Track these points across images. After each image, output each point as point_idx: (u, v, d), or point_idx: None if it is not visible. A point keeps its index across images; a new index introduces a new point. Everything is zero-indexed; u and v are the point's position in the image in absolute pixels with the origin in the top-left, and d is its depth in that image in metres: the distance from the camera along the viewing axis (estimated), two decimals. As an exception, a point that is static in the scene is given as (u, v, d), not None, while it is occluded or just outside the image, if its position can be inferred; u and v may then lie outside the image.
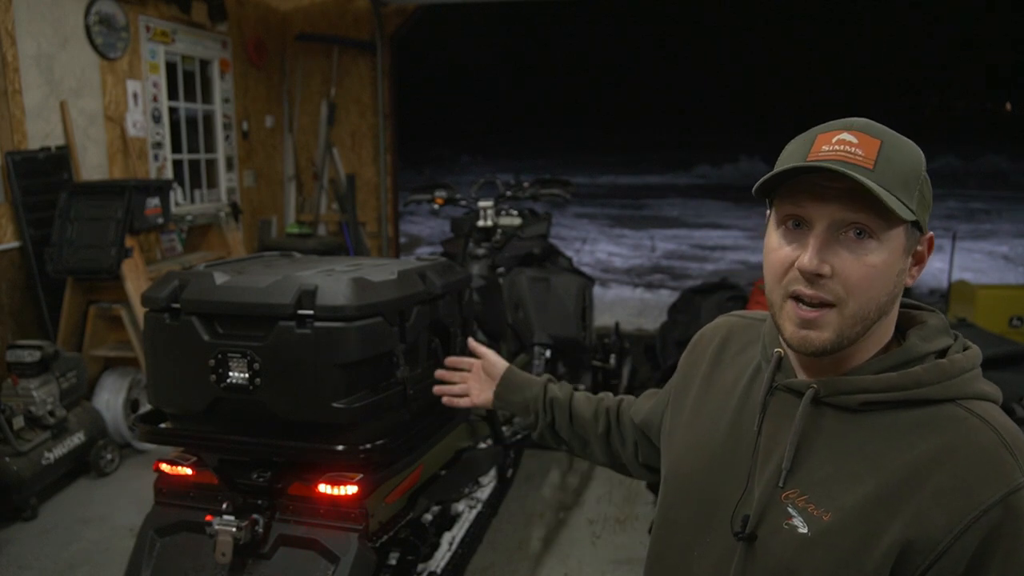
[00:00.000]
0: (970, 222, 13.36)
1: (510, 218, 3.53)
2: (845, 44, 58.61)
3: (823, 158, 0.86)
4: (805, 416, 0.93)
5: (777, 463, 0.94)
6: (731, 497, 0.98)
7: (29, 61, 3.78)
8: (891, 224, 0.86)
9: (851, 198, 0.85)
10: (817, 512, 0.89)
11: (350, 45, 6.14)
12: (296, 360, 1.55)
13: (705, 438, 1.05)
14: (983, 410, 0.88)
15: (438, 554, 2.25)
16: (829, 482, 0.90)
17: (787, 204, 0.90)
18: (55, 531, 3.05)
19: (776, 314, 0.93)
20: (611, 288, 8.11)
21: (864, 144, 0.87)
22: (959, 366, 0.91)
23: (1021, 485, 0.82)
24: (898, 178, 0.86)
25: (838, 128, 0.89)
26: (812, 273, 0.87)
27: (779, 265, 0.91)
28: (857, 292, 0.87)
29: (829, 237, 0.87)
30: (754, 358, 1.06)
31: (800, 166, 0.86)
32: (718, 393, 1.08)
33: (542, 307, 3.37)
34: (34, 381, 3.23)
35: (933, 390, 0.89)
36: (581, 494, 3.42)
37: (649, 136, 35.87)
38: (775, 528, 0.92)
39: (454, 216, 3.69)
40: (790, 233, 0.91)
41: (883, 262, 0.87)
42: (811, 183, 0.87)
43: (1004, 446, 0.84)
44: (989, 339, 2.86)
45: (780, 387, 0.97)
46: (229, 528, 1.61)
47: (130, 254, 3.68)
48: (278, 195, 6.41)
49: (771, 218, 0.95)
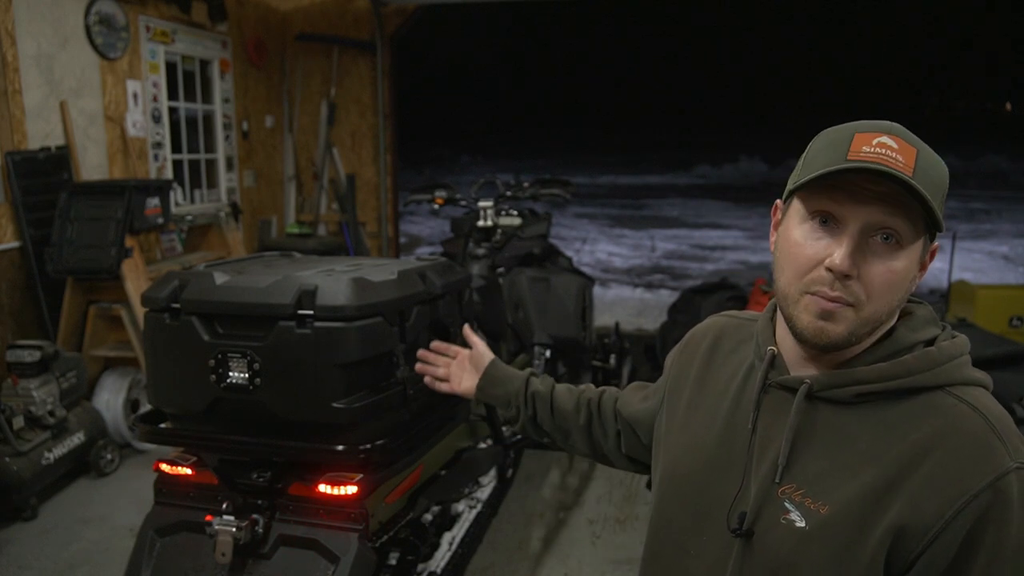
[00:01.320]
0: (970, 222, 13.36)
1: (510, 218, 3.53)
2: (845, 44, 58.65)
3: (865, 159, 0.85)
4: (800, 411, 0.94)
5: (773, 459, 0.94)
6: (727, 495, 0.98)
7: (29, 61, 3.78)
8: (918, 233, 0.88)
9: (888, 203, 0.85)
10: (814, 506, 0.90)
11: (350, 45, 6.14)
12: (296, 360, 1.55)
13: (700, 438, 1.06)
14: (972, 397, 0.89)
15: (438, 554, 2.25)
16: (825, 475, 0.91)
17: (821, 199, 0.89)
18: (55, 531, 3.05)
19: (791, 307, 0.92)
20: (611, 288, 8.11)
21: (903, 151, 0.86)
22: (947, 353, 0.92)
23: (1009, 469, 0.83)
24: (932, 189, 0.86)
25: (877, 130, 0.89)
26: (842, 273, 0.87)
27: (805, 261, 0.90)
28: (877, 296, 0.88)
29: (861, 239, 0.87)
30: (747, 357, 1.07)
31: (846, 167, 0.85)
32: (712, 393, 1.09)
33: (542, 307, 3.37)
34: (34, 381, 3.23)
35: (923, 378, 0.90)
36: (581, 494, 3.42)
37: (649, 136, 35.86)
38: (772, 523, 0.92)
39: (454, 216, 3.69)
40: (817, 229, 0.90)
41: (904, 269, 0.88)
42: (849, 182, 0.87)
43: (993, 432, 0.86)
44: (989, 339, 2.86)
45: (774, 384, 0.98)
46: (229, 528, 1.61)
47: (130, 254, 3.68)
48: (278, 195, 6.41)
49: (792, 211, 0.94)
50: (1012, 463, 0.83)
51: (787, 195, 0.95)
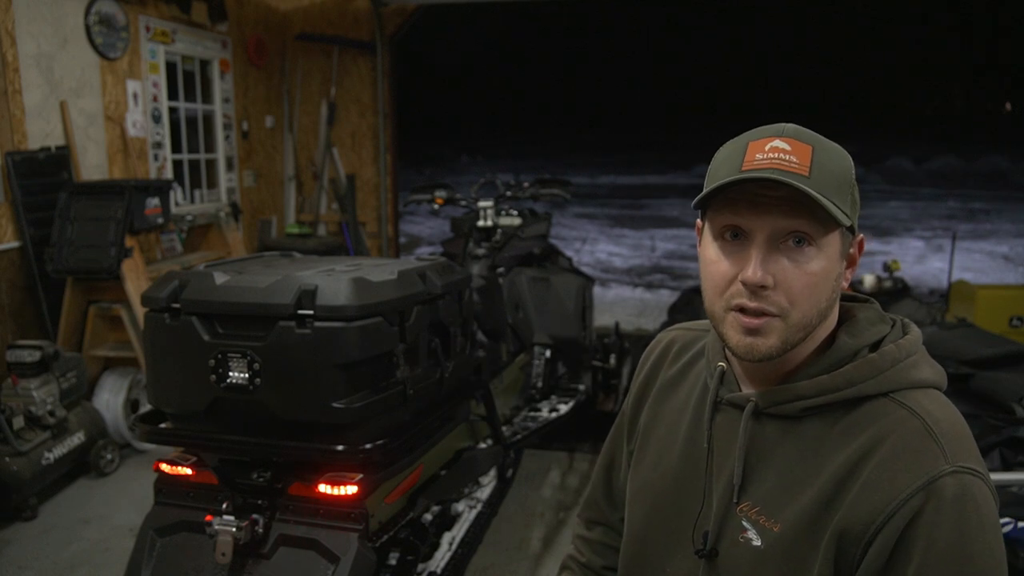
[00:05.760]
0: (970, 222, 13.35)
1: (510, 218, 3.53)
2: (845, 44, 58.60)
3: (758, 166, 0.85)
4: (748, 430, 0.94)
5: (728, 478, 0.95)
6: (692, 513, 0.98)
7: (29, 61, 3.78)
8: (828, 230, 0.87)
9: (789, 206, 0.85)
10: (768, 524, 0.90)
11: (350, 45, 6.14)
12: (296, 360, 1.55)
13: (665, 457, 1.06)
14: (913, 400, 0.88)
15: (438, 554, 2.25)
16: (777, 492, 0.91)
17: (725, 214, 0.89)
18: (55, 531, 3.05)
19: (718, 325, 0.92)
20: (611, 288, 8.11)
21: (797, 151, 0.86)
22: (890, 357, 0.90)
23: (943, 472, 0.82)
24: (832, 183, 0.86)
25: (769, 135, 0.88)
26: (757, 285, 0.86)
27: (720, 278, 0.90)
28: (800, 301, 0.87)
29: (770, 247, 0.87)
30: (703, 371, 1.06)
31: (738, 179, 0.85)
32: (671, 411, 1.09)
33: (542, 307, 3.37)
34: (34, 381, 3.22)
35: (866, 387, 0.89)
36: (581, 494, 3.42)
37: (650, 136, 35.83)
38: (733, 543, 0.93)
39: (454, 216, 3.69)
40: (728, 245, 0.89)
41: (823, 269, 0.87)
42: (747, 193, 0.86)
43: (929, 435, 0.85)
44: (989, 339, 2.86)
45: (723, 402, 0.98)
46: (229, 528, 1.61)
47: (130, 254, 3.68)
48: (278, 195, 6.41)
49: (705, 230, 0.94)
50: (947, 466, 0.82)
51: (701, 214, 0.95)
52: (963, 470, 0.83)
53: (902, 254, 9.64)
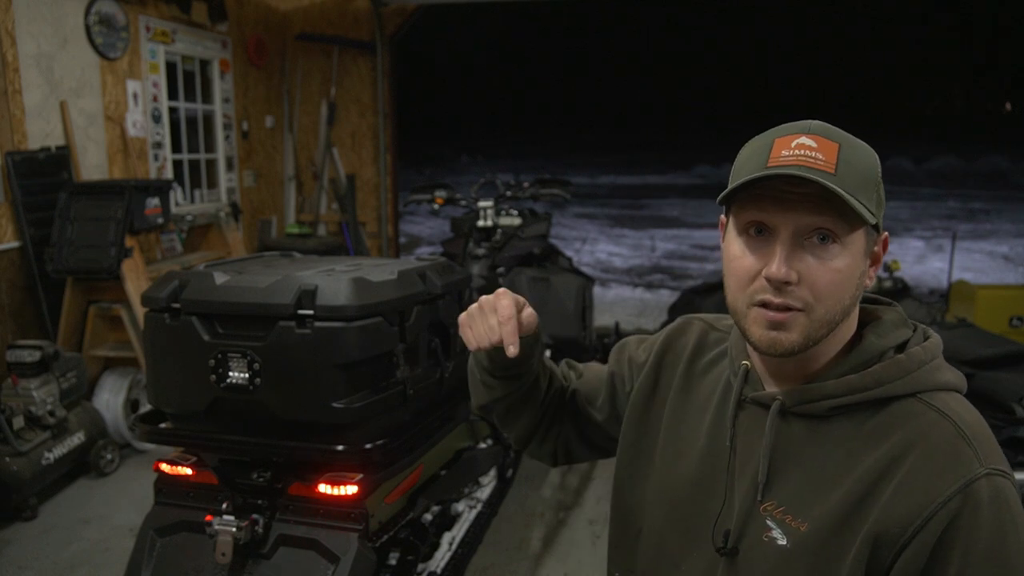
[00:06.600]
0: (970, 222, 13.35)
1: (510, 218, 3.53)
2: (846, 44, 58.62)
3: (785, 163, 0.85)
4: (774, 429, 0.93)
5: (753, 476, 0.94)
6: (712, 511, 0.98)
7: (29, 61, 3.78)
8: (853, 227, 0.87)
9: (815, 203, 0.85)
10: (795, 523, 0.90)
11: (350, 45, 6.14)
12: (296, 360, 1.55)
13: (686, 456, 1.05)
14: (942, 402, 0.89)
15: (438, 554, 2.25)
16: (804, 492, 0.90)
17: (750, 211, 0.89)
18: (55, 531, 3.05)
19: (741, 320, 0.92)
20: (611, 288, 8.11)
21: (823, 148, 0.86)
22: (917, 359, 0.91)
23: (979, 475, 0.83)
24: (858, 181, 0.86)
25: (796, 132, 0.88)
26: (781, 281, 0.86)
27: (744, 273, 0.90)
28: (824, 297, 0.87)
29: (795, 244, 0.87)
30: (726, 370, 1.06)
31: (764, 175, 0.85)
32: (694, 408, 1.08)
33: (542, 307, 3.37)
34: (34, 381, 3.22)
35: (894, 387, 0.89)
36: (581, 494, 3.42)
37: (649, 136, 35.84)
38: (756, 541, 0.92)
39: (454, 216, 3.69)
40: (753, 240, 0.90)
41: (847, 266, 0.87)
42: (773, 189, 0.86)
43: (962, 437, 0.85)
44: (989, 339, 2.86)
45: (748, 400, 0.98)
46: (229, 528, 1.61)
47: (130, 254, 3.68)
48: (278, 195, 6.41)
49: (730, 225, 0.94)
50: (982, 468, 0.83)
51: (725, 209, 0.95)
52: (995, 472, 0.83)
53: (902, 254, 9.64)
